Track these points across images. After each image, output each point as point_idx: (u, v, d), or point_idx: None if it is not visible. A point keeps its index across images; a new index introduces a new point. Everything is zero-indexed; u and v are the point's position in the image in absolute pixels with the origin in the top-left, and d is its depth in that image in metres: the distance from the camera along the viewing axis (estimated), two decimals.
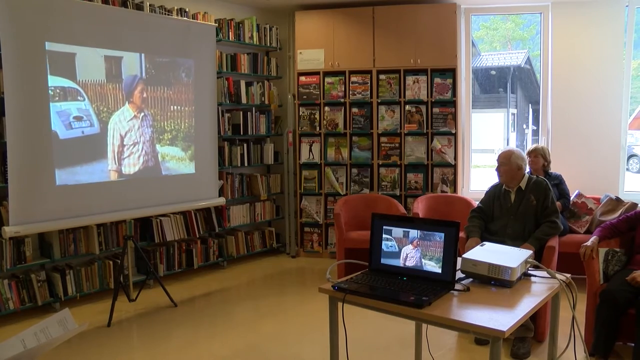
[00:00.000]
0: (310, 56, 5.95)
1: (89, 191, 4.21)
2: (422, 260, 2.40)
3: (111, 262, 4.73)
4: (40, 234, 4.40)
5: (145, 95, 4.63)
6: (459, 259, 2.47)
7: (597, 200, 5.06)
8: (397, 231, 2.47)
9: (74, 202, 4.11)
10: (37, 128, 3.90)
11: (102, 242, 4.67)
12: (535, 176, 3.79)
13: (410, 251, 2.43)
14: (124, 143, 4.53)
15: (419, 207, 5.07)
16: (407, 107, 5.75)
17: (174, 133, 4.86)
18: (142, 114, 4.60)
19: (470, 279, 2.44)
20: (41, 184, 3.94)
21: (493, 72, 6.84)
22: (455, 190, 5.68)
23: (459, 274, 2.45)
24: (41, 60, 3.90)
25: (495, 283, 2.38)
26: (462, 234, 3.75)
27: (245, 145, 5.90)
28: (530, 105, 6.80)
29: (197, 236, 5.48)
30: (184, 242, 5.38)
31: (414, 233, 2.43)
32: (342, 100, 5.91)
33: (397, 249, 2.47)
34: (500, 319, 1.99)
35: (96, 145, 4.35)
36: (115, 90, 4.42)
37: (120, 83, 4.43)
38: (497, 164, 3.78)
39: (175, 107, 4.84)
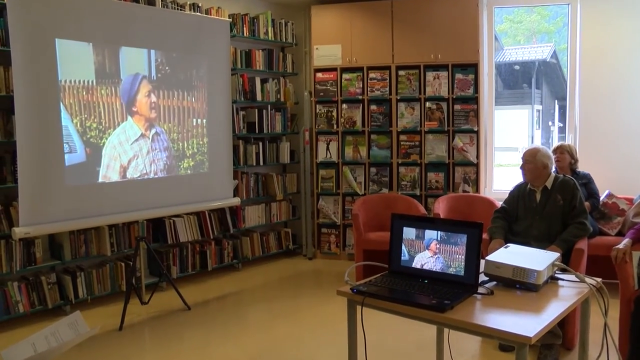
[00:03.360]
0: (327, 52, 5.93)
1: (100, 191, 4.22)
2: (444, 262, 2.38)
3: (123, 264, 4.75)
4: (50, 235, 4.44)
5: (155, 101, 4.35)
6: (482, 261, 2.44)
7: (630, 200, 4.95)
8: (411, 236, 2.47)
9: (85, 202, 4.12)
10: (48, 127, 3.91)
11: (113, 243, 4.69)
12: (562, 175, 3.74)
13: (428, 260, 2.43)
14: (127, 175, 4.15)
15: (440, 207, 5.03)
16: (428, 104, 5.71)
17: (199, 159, 4.39)
18: (153, 131, 4.18)
19: (494, 282, 2.42)
20: (52, 184, 3.95)
21: (517, 67, 6.76)
22: (477, 190, 5.61)
23: (482, 277, 2.43)
24: (51, 57, 3.91)
25: (520, 287, 2.35)
26: (485, 236, 3.68)
27: (260, 143, 5.90)
28: (556, 101, 6.70)
29: (211, 237, 5.48)
30: (198, 243, 5.39)
31: (431, 235, 2.42)
32: (360, 97, 5.88)
33: (407, 257, 2.48)
34: (526, 324, 1.96)
35: (81, 180, 3.95)
36: (110, 97, 3.96)
37: (116, 86, 3.94)
38: (521, 162, 3.74)
39: (197, 120, 4.50)
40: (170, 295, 4.74)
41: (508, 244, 2.80)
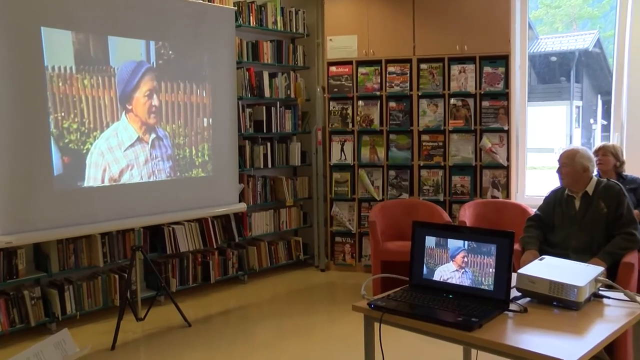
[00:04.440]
0: (341, 43, 5.90)
1: (92, 196, 4.21)
2: (471, 275, 2.37)
3: (117, 276, 4.73)
4: (35, 244, 4.39)
5: (156, 104, 4.23)
6: (514, 275, 2.41)
7: None
8: (435, 246, 2.48)
9: (75, 208, 4.11)
10: (33, 123, 3.89)
11: (106, 253, 4.67)
12: (605, 179, 3.68)
13: (453, 272, 2.42)
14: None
15: (466, 214, 4.98)
16: (452, 100, 5.66)
17: (211, 168, 4.18)
18: (153, 135, 4.11)
19: (528, 299, 2.39)
20: (37, 187, 3.94)
21: (553, 59, 6.64)
22: (508, 196, 5.56)
23: (514, 292, 2.40)
24: (36, 46, 3.87)
25: (558, 304, 2.31)
26: (517, 246, 3.68)
27: (268, 144, 5.89)
28: (599, 96, 6.57)
29: (215, 247, 5.46)
30: (200, 253, 5.38)
31: (457, 245, 2.41)
32: (378, 93, 5.85)
33: (430, 269, 2.49)
34: (567, 347, 1.91)
35: (70, 184, 3.90)
36: (98, 91, 3.77)
37: (108, 75, 3.76)
38: (558, 165, 3.69)
39: (208, 119, 4.38)
40: (169, 310, 4.72)
41: (543, 256, 2.76)
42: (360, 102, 5.91)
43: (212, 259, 5.41)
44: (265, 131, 5.81)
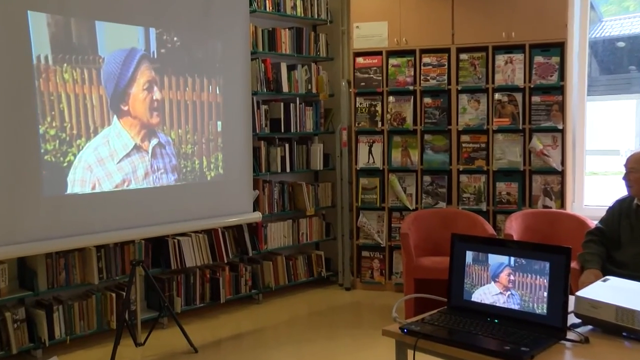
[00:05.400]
0: (369, 31, 5.89)
1: (87, 203, 4.21)
2: (520, 297, 2.35)
3: (114, 295, 4.74)
4: (20, 258, 4.39)
5: (159, 93, 4.23)
6: (571, 298, 2.36)
7: None
8: (476, 263, 2.48)
9: (66, 216, 4.11)
10: (18, 122, 3.88)
11: (102, 268, 4.66)
12: None
13: (498, 293, 2.40)
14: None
15: (513, 227, 4.94)
16: (497, 95, 5.60)
17: (222, 173, 4.24)
18: (154, 141, 4.12)
19: (590, 327, 2.33)
20: (24, 194, 3.93)
21: (621, 44, 6.43)
22: (562, 206, 5.49)
23: (572, 319, 2.35)
24: (23, 34, 3.85)
25: (628, 335, 2.22)
26: (574, 264, 3.63)
27: (287, 145, 5.90)
28: None
29: (225, 262, 5.47)
30: (208, 269, 5.39)
31: (502, 261, 2.40)
32: (411, 87, 5.82)
33: (472, 289, 2.48)
34: None
35: (61, 190, 3.86)
36: (83, 87, 3.68)
37: (93, 66, 3.69)
38: (625, 170, 3.62)
39: (221, 121, 4.36)
40: (173, 334, 4.72)
41: (607, 277, 2.70)
42: (391, 98, 5.89)
43: (223, 276, 5.41)
44: (283, 131, 5.82)
